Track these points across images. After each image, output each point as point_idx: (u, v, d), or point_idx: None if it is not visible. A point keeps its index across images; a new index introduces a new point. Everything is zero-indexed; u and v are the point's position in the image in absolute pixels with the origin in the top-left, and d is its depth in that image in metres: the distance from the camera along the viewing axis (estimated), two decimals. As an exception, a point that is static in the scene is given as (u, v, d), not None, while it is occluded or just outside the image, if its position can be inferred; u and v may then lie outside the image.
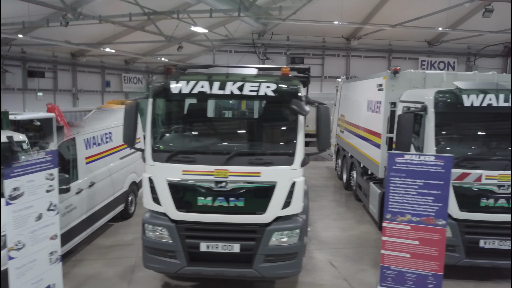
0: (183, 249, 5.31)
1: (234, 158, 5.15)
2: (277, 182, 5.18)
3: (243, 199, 5.17)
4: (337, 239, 8.11)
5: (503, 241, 5.98)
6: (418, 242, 5.70)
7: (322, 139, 5.37)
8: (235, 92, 5.14)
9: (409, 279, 5.79)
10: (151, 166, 5.31)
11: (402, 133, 6.21)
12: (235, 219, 5.24)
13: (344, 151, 12.47)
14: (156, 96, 5.34)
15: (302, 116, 5.25)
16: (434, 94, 6.08)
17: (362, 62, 23.97)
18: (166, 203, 5.27)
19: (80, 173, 6.75)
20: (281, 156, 5.26)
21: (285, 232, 5.30)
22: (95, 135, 7.39)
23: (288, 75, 5.34)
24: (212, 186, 5.16)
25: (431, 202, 5.60)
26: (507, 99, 5.85)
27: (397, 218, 5.77)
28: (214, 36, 19.05)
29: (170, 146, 5.42)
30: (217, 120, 5.90)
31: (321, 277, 6.39)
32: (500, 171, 5.83)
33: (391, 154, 5.76)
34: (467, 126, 6.36)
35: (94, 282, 6.06)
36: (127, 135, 5.43)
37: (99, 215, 7.48)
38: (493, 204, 5.90)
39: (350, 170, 11.54)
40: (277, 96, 5.20)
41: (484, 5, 18.17)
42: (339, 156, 13.67)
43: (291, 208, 5.29)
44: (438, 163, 5.51)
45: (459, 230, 6.02)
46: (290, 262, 5.34)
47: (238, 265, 5.36)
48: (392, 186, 5.76)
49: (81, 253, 7.09)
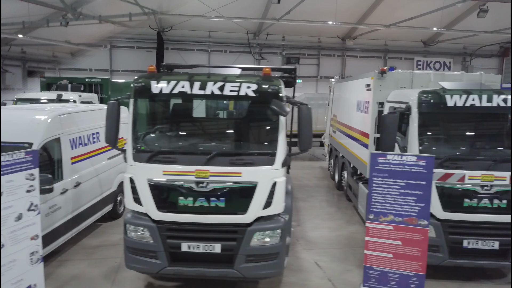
0: (164, 249, 5.31)
1: (215, 158, 5.14)
2: (258, 182, 5.18)
3: (224, 199, 5.17)
4: (325, 239, 8.11)
5: (487, 241, 5.98)
6: (401, 242, 5.71)
7: (304, 139, 5.37)
8: (216, 92, 5.14)
9: (392, 279, 5.79)
10: (132, 166, 5.30)
11: (386, 133, 6.21)
12: (216, 220, 5.24)
13: (336, 151, 12.48)
14: (137, 96, 5.34)
15: (284, 116, 5.24)
16: (417, 94, 6.07)
17: (358, 62, 23.97)
18: (147, 203, 5.27)
19: (65, 173, 6.73)
20: (262, 156, 5.25)
21: (267, 232, 5.30)
22: (82, 135, 7.37)
23: (269, 75, 5.34)
24: (193, 187, 5.15)
25: (413, 202, 5.60)
26: (490, 99, 5.85)
27: (380, 218, 5.77)
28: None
29: (151, 146, 5.41)
30: (198, 120, 5.90)
31: (306, 277, 6.39)
32: (483, 171, 5.82)
33: (373, 155, 5.77)
34: (451, 126, 6.37)
35: (77, 282, 6.05)
36: (109, 135, 5.42)
37: (86, 215, 7.46)
38: (477, 204, 5.90)
39: (341, 170, 11.55)
40: (257, 96, 5.20)
41: (479, 5, 18.20)
42: (332, 156, 13.67)
43: (272, 208, 5.29)
44: (420, 163, 5.52)
45: (442, 230, 6.02)
46: (271, 262, 5.34)
47: (219, 265, 5.36)
48: (375, 186, 5.76)
49: (67, 253, 7.08)
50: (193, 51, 22.94)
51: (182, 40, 22.58)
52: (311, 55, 24.17)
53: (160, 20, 20.87)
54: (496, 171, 5.81)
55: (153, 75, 5.33)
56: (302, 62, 23.80)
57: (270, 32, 22.44)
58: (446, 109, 5.94)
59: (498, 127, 6.40)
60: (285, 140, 5.35)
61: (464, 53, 25.70)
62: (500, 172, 5.81)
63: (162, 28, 21.70)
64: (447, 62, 25.22)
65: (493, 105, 5.85)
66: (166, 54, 22.12)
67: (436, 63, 25.11)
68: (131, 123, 5.34)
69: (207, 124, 6.00)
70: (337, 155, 12.27)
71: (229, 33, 22.12)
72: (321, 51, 24.22)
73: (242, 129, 5.76)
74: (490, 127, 6.38)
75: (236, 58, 22.67)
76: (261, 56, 23.25)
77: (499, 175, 5.81)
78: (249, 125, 5.73)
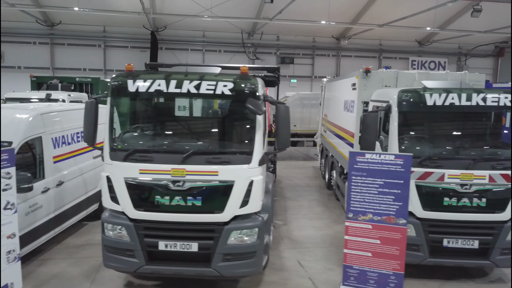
0: (141, 248, 5.30)
1: (191, 157, 5.14)
2: (235, 181, 5.17)
3: (200, 198, 5.16)
4: (310, 239, 8.11)
5: (467, 240, 5.97)
6: (379, 241, 5.70)
7: (281, 138, 5.37)
8: (192, 91, 5.13)
9: (371, 278, 5.79)
10: (109, 165, 5.30)
11: (366, 132, 6.21)
12: (193, 218, 5.24)
13: (327, 151, 12.49)
14: (114, 94, 5.33)
15: (261, 115, 5.24)
16: (397, 93, 6.07)
17: (353, 62, 23.96)
18: (124, 202, 5.26)
19: (46, 172, 6.72)
20: (239, 155, 5.24)
21: (244, 231, 5.29)
22: (65, 134, 7.36)
23: (247, 74, 5.33)
24: (169, 185, 5.15)
25: (392, 201, 5.60)
26: (470, 98, 5.84)
27: (359, 217, 5.77)
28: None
29: (127, 144, 5.41)
30: (175, 119, 5.88)
31: (287, 276, 6.38)
32: (463, 170, 5.81)
33: (352, 153, 5.77)
34: (431, 125, 6.36)
35: (56, 281, 6.04)
36: (87, 133, 5.43)
37: (69, 215, 7.45)
38: (456, 203, 5.88)
39: (331, 169, 11.55)
40: (234, 95, 5.19)
41: (473, 5, 18.22)
42: (323, 155, 13.68)
43: (249, 207, 5.28)
44: (398, 162, 5.52)
45: (422, 229, 6.00)
46: (249, 261, 5.34)
47: (197, 264, 5.36)
48: (354, 185, 5.76)
49: (50, 252, 7.07)
50: (187, 50, 22.93)
51: (176, 40, 22.58)
52: (305, 55, 24.18)
53: (154, 19, 20.88)
54: (475, 170, 5.80)
55: (130, 73, 5.32)
56: (297, 62, 23.83)
57: (265, 32, 22.45)
58: (425, 108, 5.93)
59: (478, 126, 6.41)
60: (262, 138, 5.34)
61: (459, 53, 25.74)
62: (480, 171, 5.80)
63: (156, 27, 21.69)
64: (442, 62, 25.25)
65: (472, 104, 5.83)
66: (160, 53, 22.11)
67: (431, 63, 25.14)
68: (108, 121, 5.33)
69: (184, 123, 5.99)
70: (327, 154, 12.28)
71: (224, 32, 22.14)
72: (316, 51, 24.23)
73: (219, 127, 5.75)
74: (470, 126, 6.38)
75: (230, 58, 22.67)
76: (256, 56, 23.25)
77: (479, 174, 5.80)
78: (226, 123, 5.72)
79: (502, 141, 6.53)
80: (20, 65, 21.31)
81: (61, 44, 21.83)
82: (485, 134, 6.50)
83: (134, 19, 19.16)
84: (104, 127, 5.39)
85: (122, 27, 21.52)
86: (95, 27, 21.53)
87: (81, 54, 21.78)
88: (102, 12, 18.66)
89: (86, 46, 21.92)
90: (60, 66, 21.83)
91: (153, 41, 21.58)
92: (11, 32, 20.42)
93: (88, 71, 21.36)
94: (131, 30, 21.66)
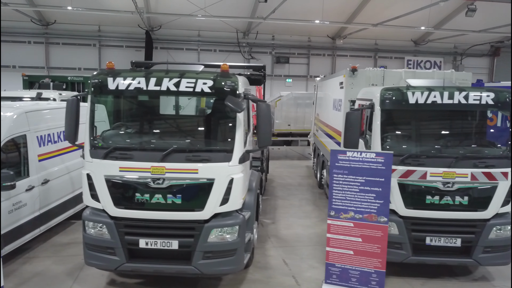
0: (122, 245, 5.31)
1: (171, 155, 5.14)
2: (215, 179, 5.18)
3: (180, 196, 5.17)
4: (297, 237, 8.11)
5: (449, 238, 5.97)
6: (361, 239, 5.72)
7: (262, 136, 5.37)
8: (172, 89, 5.13)
9: (353, 276, 5.81)
10: (89, 163, 5.30)
11: (349, 130, 6.21)
12: (173, 216, 5.24)
13: (318, 150, 12.49)
14: (94, 92, 5.33)
15: (241, 113, 5.24)
16: (380, 92, 6.07)
17: (348, 62, 23.74)
18: (105, 200, 5.27)
19: (31, 170, 6.72)
20: (219, 153, 5.25)
21: (224, 228, 5.30)
22: (51, 133, 7.36)
23: (227, 72, 5.33)
24: (149, 183, 5.15)
25: (373, 199, 5.62)
26: (452, 96, 5.84)
27: (341, 215, 5.79)
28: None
29: (108, 142, 5.41)
30: (155, 116, 5.89)
31: (270, 274, 6.38)
32: (445, 168, 5.81)
33: (333, 152, 5.78)
34: (413, 123, 6.37)
35: (39, 279, 6.04)
36: (68, 131, 5.43)
37: (55, 213, 7.45)
38: (439, 201, 5.88)
39: (322, 168, 11.55)
40: (213, 93, 5.19)
41: (467, 4, 18.23)
42: (315, 154, 13.68)
43: (229, 205, 5.29)
44: (379, 160, 5.54)
45: (405, 227, 5.99)
46: (229, 259, 5.34)
47: (177, 262, 5.36)
48: (335, 183, 5.78)
49: (35, 251, 7.07)
50: (183, 50, 22.93)
51: (172, 39, 22.57)
52: (301, 54, 24.17)
53: (149, 19, 20.89)
54: (457, 168, 5.80)
55: (110, 71, 5.32)
56: (292, 61, 23.82)
57: (260, 31, 22.44)
58: (408, 106, 5.93)
59: (460, 124, 6.42)
60: (243, 136, 5.34)
61: (455, 52, 25.75)
62: (462, 169, 5.80)
63: (151, 27, 21.69)
64: (438, 62, 25.27)
65: (455, 102, 5.83)
66: (155, 53, 22.11)
67: (427, 62, 25.15)
68: (88, 119, 5.34)
69: (164, 121, 6.00)
70: (319, 153, 12.29)
71: (219, 32, 22.14)
72: (311, 50, 24.22)
73: (200, 125, 5.76)
74: (452, 124, 6.39)
75: (225, 57, 22.66)
76: (251, 55, 23.24)
77: (461, 172, 5.80)
78: (206, 121, 5.73)
79: (487, 139, 6.56)
80: (15, 64, 21.30)
81: (56, 44, 21.81)
82: (468, 132, 6.51)
83: (129, 18, 19.15)
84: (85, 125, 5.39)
85: (117, 26, 21.51)
86: (90, 27, 21.52)
87: (76, 54, 21.77)
88: (97, 11, 18.65)
89: (81, 46, 21.91)
90: (55, 66, 21.81)
91: (148, 40, 21.58)
92: (5, 32, 20.39)
93: (83, 71, 21.33)
94: (126, 30, 21.65)
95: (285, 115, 17.74)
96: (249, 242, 5.89)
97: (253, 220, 6.06)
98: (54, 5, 18.33)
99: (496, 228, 5.94)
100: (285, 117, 17.75)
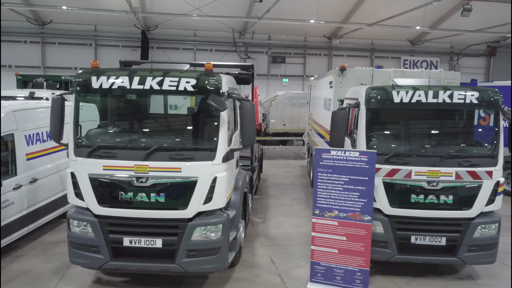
0: (106, 244, 5.33)
1: (155, 154, 5.16)
2: (198, 177, 5.19)
3: (164, 194, 5.18)
4: (286, 236, 8.13)
5: (434, 237, 5.99)
6: (345, 237, 5.74)
7: (246, 134, 5.38)
8: (155, 87, 5.15)
9: (338, 275, 5.83)
10: (73, 161, 5.32)
11: (335, 129, 6.22)
12: (156, 215, 5.26)
13: (311, 149, 12.51)
14: (78, 91, 5.35)
15: (224, 112, 5.25)
16: (365, 91, 6.09)
17: (344, 61, 23.64)
18: (89, 198, 5.29)
19: (19, 169, 6.74)
20: (203, 152, 5.26)
21: (208, 227, 5.31)
22: (40, 132, 7.38)
23: (211, 70, 5.35)
24: (133, 182, 5.17)
25: (357, 198, 5.64)
26: (436, 95, 5.86)
27: (325, 214, 5.81)
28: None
29: (91, 141, 5.42)
30: (139, 115, 5.91)
31: (256, 273, 6.40)
32: (430, 167, 5.83)
33: (317, 150, 5.80)
34: (398, 122, 6.38)
35: (25, 277, 6.05)
36: (53, 130, 5.44)
37: (44, 212, 7.47)
38: (423, 200, 5.89)
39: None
40: (196, 91, 5.21)
41: (463, 4, 18.25)
42: (309, 154, 13.71)
43: (212, 203, 5.30)
44: (363, 158, 5.55)
45: (390, 226, 6.01)
46: (213, 257, 5.36)
47: (161, 260, 5.38)
48: (320, 182, 5.80)
49: (24, 249, 7.09)
50: (179, 50, 22.95)
51: (168, 39, 22.59)
52: (297, 54, 24.18)
53: (145, 18, 20.90)
54: (442, 167, 5.82)
55: (94, 70, 5.34)
56: (289, 61, 23.84)
57: (256, 31, 22.46)
58: (393, 105, 5.94)
59: (445, 123, 6.43)
60: (226, 135, 5.35)
61: (451, 52, 25.77)
62: (446, 168, 5.81)
63: (147, 27, 21.70)
64: (434, 62, 25.29)
65: (439, 101, 5.85)
66: (151, 53, 22.14)
67: (423, 62, 25.17)
68: (72, 117, 5.35)
69: (148, 119, 6.02)
70: (312, 153, 12.30)
71: (215, 32, 22.15)
72: (308, 50, 24.23)
73: (183, 124, 5.78)
74: (437, 123, 6.40)
75: (222, 57, 22.69)
76: (247, 55, 23.25)
77: (445, 171, 5.81)
78: (189, 120, 5.74)
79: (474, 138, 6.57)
80: (11, 64, 21.31)
81: (52, 43, 21.83)
82: (453, 131, 6.52)
83: (125, 18, 19.16)
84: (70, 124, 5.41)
85: (113, 26, 21.52)
86: (86, 26, 21.54)
87: (72, 53, 21.78)
88: (92, 11, 18.66)
89: (77, 45, 21.92)
90: (51, 65, 21.83)
91: (144, 40, 21.59)
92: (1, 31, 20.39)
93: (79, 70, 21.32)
94: (122, 29, 21.67)
95: (280, 114, 17.78)
96: (234, 241, 5.90)
97: (238, 219, 6.07)
98: (49, 5, 18.32)
99: (480, 226, 5.96)
100: (280, 116, 17.79)
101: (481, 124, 6.35)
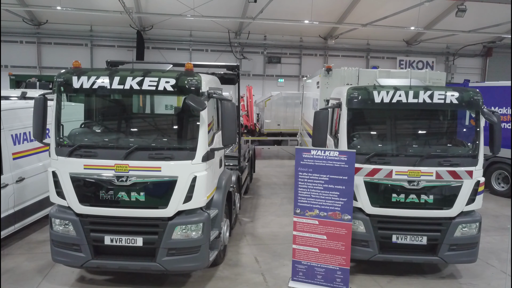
0: (88, 242, 5.38)
1: (135, 153, 5.21)
2: (178, 177, 5.24)
3: (144, 193, 5.23)
4: (272, 235, 8.17)
5: (415, 236, 6.03)
6: (326, 236, 5.79)
7: (226, 134, 5.43)
8: (135, 87, 5.19)
9: (319, 273, 5.87)
10: (55, 161, 5.37)
11: (317, 129, 6.26)
12: (137, 213, 5.31)
13: (303, 149, 12.55)
14: (59, 91, 5.40)
15: (204, 111, 5.30)
16: (347, 91, 6.13)
17: (340, 62, 23.96)
18: (70, 197, 5.34)
19: (5, 168, 6.79)
20: (182, 151, 5.31)
21: (188, 226, 5.36)
22: (27, 131, 7.42)
23: (191, 70, 5.39)
24: (113, 181, 5.21)
25: (337, 197, 5.68)
26: (417, 95, 5.90)
27: (306, 213, 5.86)
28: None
29: (72, 140, 5.47)
30: (120, 115, 5.95)
31: (239, 271, 6.44)
32: (410, 167, 5.87)
33: (298, 150, 5.85)
34: (379, 122, 6.42)
35: (8, 276, 6.10)
36: (35, 129, 5.49)
37: (32, 211, 7.52)
38: (404, 200, 5.93)
39: (305, 168, 11.59)
40: (176, 91, 5.25)
41: (457, 4, 18.29)
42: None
43: (192, 202, 5.35)
44: (342, 158, 5.60)
45: (371, 225, 6.05)
46: (193, 256, 5.40)
47: (142, 258, 5.42)
48: (300, 181, 5.85)
49: (10, 248, 7.14)
50: (174, 50, 22.99)
51: (163, 39, 22.63)
52: (293, 54, 24.22)
53: (140, 19, 20.95)
54: (422, 166, 5.86)
55: (75, 70, 5.39)
56: (284, 61, 23.88)
57: (252, 31, 22.50)
58: (374, 105, 5.98)
59: (426, 123, 6.47)
60: (206, 134, 5.39)
61: (447, 52, 25.80)
62: (427, 168, 5.85)
63: (142, 27, 21.75)
64: (430, 62, 25.32)
65: (419, 101, 5.89)
66: (147, 53, 22.17)
67: (419, 62, 25.19)
68: (54, 117, 5.40)
69: (129, 119, 6.06)
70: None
71: (210, 32, 22.19)
72: (303, 50, 24.27)
73: (164, 123, 5.82)
74: (418, 123, 6.44)
75: (217, 57, 22.74)
76: (243, 55, 23.29)
77: (426, 171, 5.85)
78: (170, 119, 5.79)
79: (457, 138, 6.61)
80: (7, 64, 21.35)
81: (48, 43, 21.87)
82: (434, 131, 6.56)
83: (120, 18, 19.20)
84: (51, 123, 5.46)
85: (109, 26, 21.57)
86: (82, 27, 21.59)
87: (68, 53, 21.78)
88: (87, 11, 18.71)
89: (73, 45, 21.97)
90: (47, 65, 21.87)
91: (140, 40, 21.63)
92: (-2, 32, 20.49)
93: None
94: (117, 30, 21.71)
95: (274, 114, 17.83)
96: (216, 240, 5.94)
97: (221, 218, 6.11)
98: (44, 5, 18.37)
99: (461, 226, 6.00)
100: (274, 116, 17.84)
101: (464, 124, 6.37)
